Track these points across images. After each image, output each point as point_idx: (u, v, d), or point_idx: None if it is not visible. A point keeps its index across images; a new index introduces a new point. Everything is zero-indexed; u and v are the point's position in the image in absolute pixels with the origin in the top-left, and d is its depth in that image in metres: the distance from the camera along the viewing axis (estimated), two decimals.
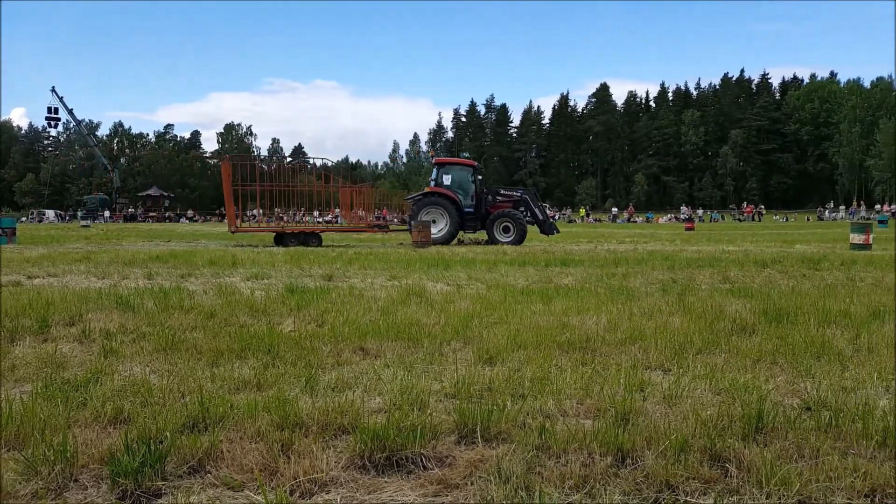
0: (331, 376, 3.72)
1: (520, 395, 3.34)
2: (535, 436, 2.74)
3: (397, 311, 5.73)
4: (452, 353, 4.29)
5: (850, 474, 2.39)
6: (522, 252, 14.29)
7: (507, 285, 7.88)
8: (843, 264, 10.70)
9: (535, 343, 4.47)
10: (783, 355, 4.22)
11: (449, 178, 19.50)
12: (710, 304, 6.23)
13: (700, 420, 2.90)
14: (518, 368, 3.87)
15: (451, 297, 6.76)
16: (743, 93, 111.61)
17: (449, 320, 5.26)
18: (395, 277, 8.83)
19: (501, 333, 4.76)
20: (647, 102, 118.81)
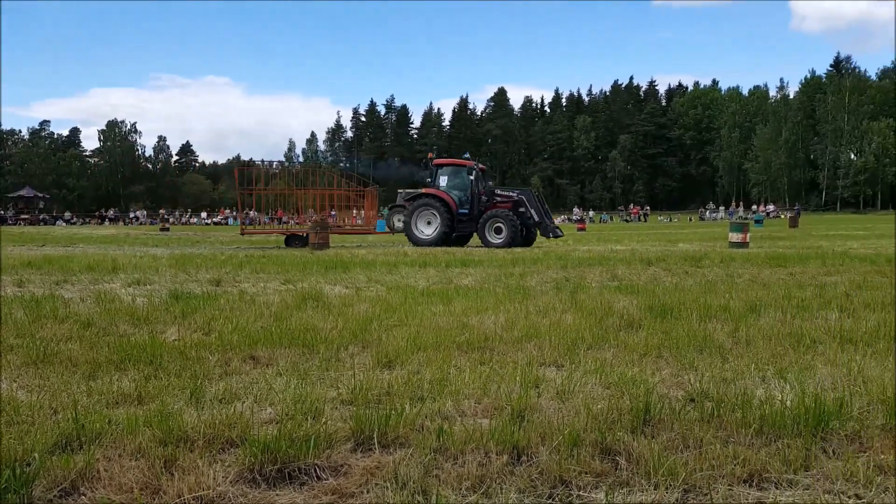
0: (218, 387, 3.55)
1: (419, 398, 3.32)
2: (432, 438, 2.72)
3: (291, 317, 5.58)
4: (350, 358, 4.22)
5: (730, 462, 2.51)
6: (424, 253, 14.32)
7: (408, 287, 7.87)
8: (723, 261, 11.36)
9: (435, 344, 4.46)
10: (668, 349, 4.41)
11: (445, 179, 19.16)
12: (600, 301, 6.45)
13: (591, 414, 2.98)
14: (417, 371, 3.85)
15: (350, 300, 6.66)
16: (632, 99, 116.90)
17: (347, 324, 5.17)
18: (290, 281, 8.62)
19: (401, 336, 4.72)
20: (542, 108, 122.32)
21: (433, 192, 18.74)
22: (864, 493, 2.29)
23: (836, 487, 2.33)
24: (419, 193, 19.14)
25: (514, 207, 18.59)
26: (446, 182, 19.09)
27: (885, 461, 2.50)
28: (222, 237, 27.38)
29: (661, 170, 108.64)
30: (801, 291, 7.18)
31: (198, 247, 18.81)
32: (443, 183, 19.05)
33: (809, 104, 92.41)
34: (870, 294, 6.87)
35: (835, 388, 3.40)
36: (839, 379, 3.61)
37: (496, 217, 18.11)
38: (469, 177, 18.96)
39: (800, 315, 5.66)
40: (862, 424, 2.84)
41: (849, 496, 2.28)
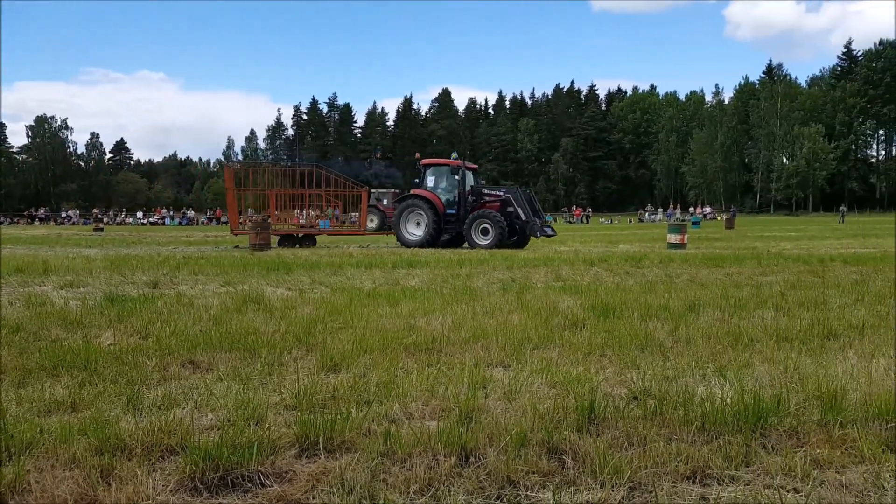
0: (156, 393, 3.43)
1: (365, 402, 3.27)
2: (379, 442, 2.69)
3: (232, 320, 5.44)
4: (293, 361, 4.13)
5: (674, 459, 2.55)
6: (369, 254, 14.21)
7: (353, 288, 7.78)
8: (662, 262, 11.63)
9: (382, 347, 4.42)
10: (611, 348, 4.48)
11: (433, 180, 18.78)
12: (545, 301, 6.52)
13: (538, 414, 2.99)
14: (364, 374, 3.80)
15: (293, 302, 6.55)
16: (573, 103, 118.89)
17: (290, 327, 5.08)
18: (230, 283, 8.41)
19: (346, 339, 4.66)
20: (486, 109, 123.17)
21: (420, 192, 18.46)
22: (801, 486, 2.36)
23: (776, 482, 2.39)
24: (407, 194, 18.84)
25: (502, 207, 18.09)
26: (433, 182, 18.77)
27: (821, 455, 2.58)
28: (159, 237, 26.61)
29: (601, 172, 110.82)
30: (738, 291, 7.40)
31: (134, 248, 18.24)
32: (430, 183, 18.74)
33: (743, 109, 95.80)
34: (803, 293, 7.13)
35: (772, 385, 3.51)
36: (776, 376, 3.73)
37: (482, 217, 17.64)
38: (455, 177, 18.49)
39: (737, 314, 5.83)
40: (799, 420, 2.93)
41: (787, 490, 2.34)
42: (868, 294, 7.01)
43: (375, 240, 24.09)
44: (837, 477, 2.42)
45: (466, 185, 18.44)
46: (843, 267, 10.54)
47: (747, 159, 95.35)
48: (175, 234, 33.66)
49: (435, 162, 19.54)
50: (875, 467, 2.48)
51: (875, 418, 2.91)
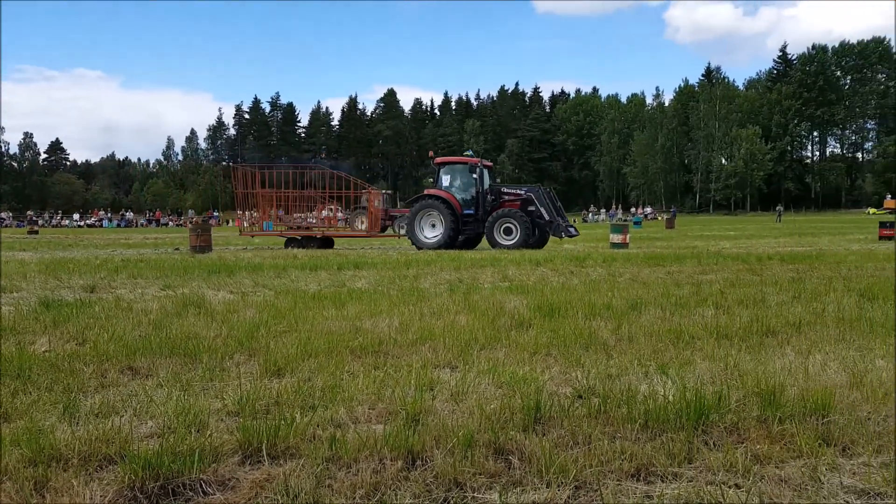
0: (94, 401, 3.32)
1: (310, 407, 3.21)
2: (325, 447, 2.64)
3: (172, 325, 5.29)
4: (236, 367, 4.04)
5: (618, 457, 2.58)
6: (315, 256, 14.03)
7: (298, 291, 7.66)
8: (605, 261, 11.84)
9: (327, 350, 4.35)
10: (556, 347, 4.52)
11: (448, 179, 17.94)
12: (492, 301, 6.55)
13: (485, 414, 2.99)
14: (308, 378, 3.73)
15: (235, 306, 6.40)
16: (518, 105, 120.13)
17: (232, 332, 4.96)
18: (170, 287, 8.19)
19: (291, 342, 4.58)
20: (432, 110, 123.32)
21: (436, 192, 17.65)
22: (743, 482, 2.41)
23: (718, 478, 2.44)
24: (421, 195, 18.03)
25: (523, 206, 17.45)
26: (449, 181, 17.98)
27: (761, 451, 2.65)
28: (97, 240, 25.74)
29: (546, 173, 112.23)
30: (679, 289, 7.57)
31: (70, 251, 17.61)
32: (445, 182, 17.94)
33: (683, 111, 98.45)
34: (742, 291, 7.34)
35: (713, 382, 3.58)
36: (717, 373, 3.82)
37: (506, 217, 17.07)
38: (472, 175, 17.81)
39: (678, 312, 5.96)
40: (739, 416, 3.00)
41: (729, 486, 2.39)
42: (804, 292, 7.26)
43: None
44: (777, 472, 2.48)
45: (484, 184, 17.83)
46: (780, 265, 10.91)
47: (687, 160, 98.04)
48: (113, 236, 32.67)
49: (450, 160, 18.78)
50: (812, 461, 2.55)
51: (812, 413, 3.00)
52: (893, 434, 2.86)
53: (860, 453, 2.64)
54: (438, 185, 17.97)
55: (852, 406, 3.13)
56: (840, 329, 5.09)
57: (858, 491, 2.34)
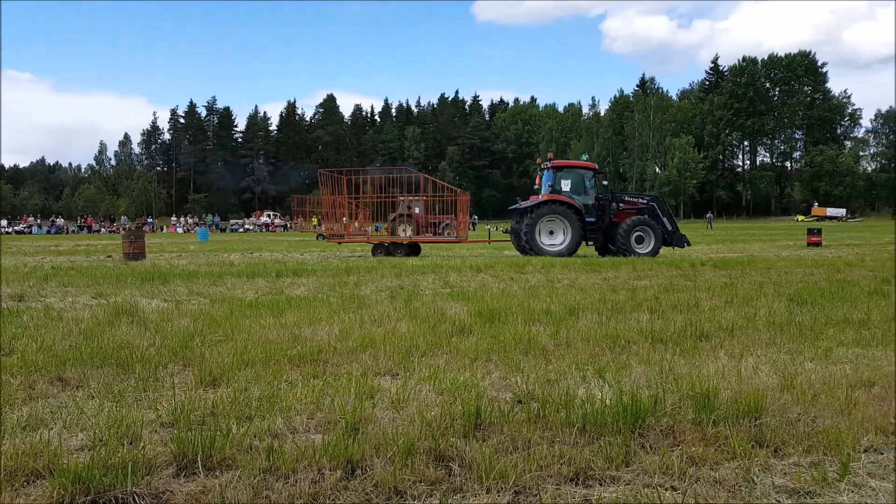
0: (22, 413, 3.19)
1: (247, 417, 3.14)
2: (262, 458, 2.59)
3: (104, 334, 5.11)
4: (170, 377, 3.92)
5: (557, 461, 2.61)
6: (251, 262, 13.75)
7: (234, 299, 7.49)
8: (544, 267, 11.98)
9: (265, 359, 4.26)
10: (496, 352, 4.55)
11: (568, 184, 17.04)
12: (433, 308, 6.54)
13: (425, 422, 2.98)
14: (245, 388, 3.65)
15: (169, 314, 6.22)
16: (458, 112, 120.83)
17: (166, 341, 4.81)
18: (102, 295, 7.89)
19: (227, 352, 4.47)
20: (372, 116, 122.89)
21: (559, 197, 16.75)
22: (678, 484, 2.47)
23: (654, 481, 2.48)
24: (543, 200, 16.80)
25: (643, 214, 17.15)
26: (569, 186, 17.11)
27: (696, 453, 2.71)
28: (26, 247, 24.61)
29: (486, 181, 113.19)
30: (615, 295, 7.73)
31: None
32: (566, 188, 17.08)
33: (618, 121, 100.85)
34: (676, 296, 7.54)
35: (649, 386, 3.67)
36: (653, 377, 3.90)
37: (640, 224, 16.66)
38: (603, 181, 17.14)
39: (615, 317, 6.08)
40: (675, 419, 3.08)
41: (665, 489, 2.44)
42: (736, 297, 7.51)
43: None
44: (711, 473, 2.55)
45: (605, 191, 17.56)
46: (712, 271, 11.26)
47: (622, 169, 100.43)
48: (43, 243, 31.33)
49: (571, 164, 18.11)
50: (745, 462, 2.63)
51: (745, 415, 3.10)
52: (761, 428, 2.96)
53: (791, 454, 2.73)
54: (557, 189, 17.13)
55: (783, 408, 3.25)
56: (771, 333, 5.28)
57: (789, 490, 2.42)
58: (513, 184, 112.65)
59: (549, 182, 17.30)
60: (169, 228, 67.12)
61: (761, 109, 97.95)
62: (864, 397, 3.42)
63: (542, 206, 16.58)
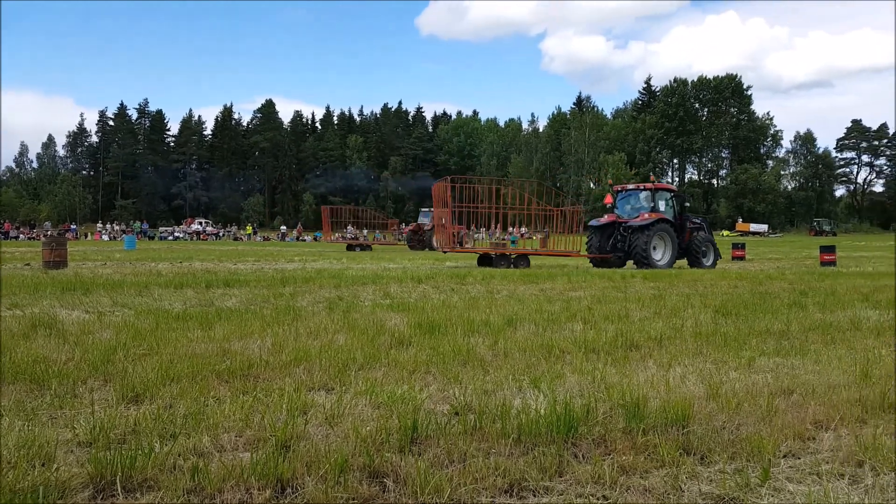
0: None
1: (171, 435, 3.00)
2: (186, 479, 2.48)
3: (18, 347, 4.83)
4: (89, 393, 3.73)
5: (492, 473, 2.59)
6: (180, 272, 13.33)
7: (161, 310, 7.22)
8: (484, 279, 12.06)
9: (191, 374, 4.11)
10: (435, 364, 4.52)
11: (663, 204, 18.42)
12: (373, 319, 6.47)
13: (360, 437, 2.92)
14: (170, 405, 3.50)
15: (90, 326, 5.94)
16: (401, 123, 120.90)
17: (86, 355, 4.58)
18: (18, 305, 7.49)
19: (151, 366, 4.29)
20: (313, 123, 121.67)
21: (663, 217, 18.03)
22: (610, 493, 2.49)
23: (587, 490, 2.50)
24: (654, 220, 17.72)
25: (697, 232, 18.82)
26: (664, 207, 18.58)
27: (627, 462, 2.74)
28: None
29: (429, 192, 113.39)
30: (551, 306, 7.83)
31: None
32: (662, 207, 18.48)
33: (556, 137, 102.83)
34: (608, 307, 7.69)
35: (582, 395, 3.70)
36: (585, 386, 3.95)
37: (706, 241, 18.64)
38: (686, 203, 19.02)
39: (550, 327, 6.15)
40: (606, 428, 3.11)
41: (598, 498, 2.45)
42: (665, 308, 7.71)
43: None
44: (641, 482, 2.58)
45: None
46: (642, 282, 11.54)
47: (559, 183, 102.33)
48: None
49: (665, 187, 19.68)
50: (674, 470, 2.67)
51: (673, 424, 3.16)
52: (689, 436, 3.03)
53: (716, 461, 2.80)
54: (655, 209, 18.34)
55: (709, 416, 3.33)
56: (697, 343, 5.43)
57: (715, 497, 2.48)
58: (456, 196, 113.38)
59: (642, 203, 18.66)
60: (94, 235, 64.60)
61: (690, 129, 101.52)
62: (783, 405, 3.55)
63: (656, 224, 17.75)
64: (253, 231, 71.20)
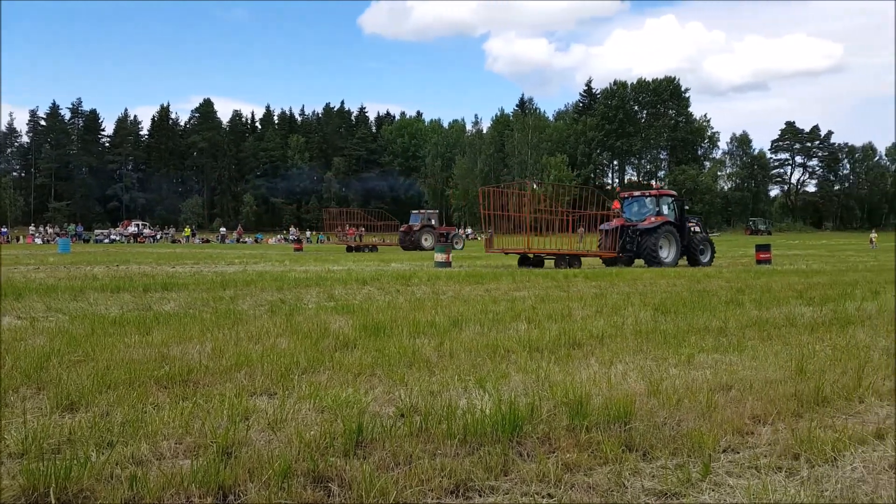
0: None
1: (108, 444, 2.91)
2: (124, 488, 2.41)
3: None
4: (21, 401, 3.57)
5: (438, 474, 2.59)
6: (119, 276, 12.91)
7: (97, 315, 6.99)
8: (430, 280, 12.08)
9: (128, 381, 3.98)
10: (381, 366, 4.50)
11: (666, 208, 20.15)
12: (316, 322, 6.40)
13: (304, 442, 2.88)
14: (106, 412, 3.39)
15: (23, 333, 5.70)
16: (344, 123, 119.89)
17: (18, 362, 4.39)
18: None
19: (86, 373, 4.14)
20: (253, 123, 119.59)
21: (668, 220, 19.70)
22: (555, 491, 2.52)
23: (532, 489, 2.52)
24: (661, 223, 19.33)
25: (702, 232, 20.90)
26: (667, 211, 20.24)
27: (571, 459, 2.79)
28: None
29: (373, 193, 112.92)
30: (496, 306, 7.90)
31: None
32: (665, 211, 20.14)
33: (499, 139, 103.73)
34: (551, 306, 7.80)
35: (527, 394, 3.74)
36: (530, 385, 4.00)
37: (705, 241, 20.68)
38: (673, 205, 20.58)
39: (495, 327, 6.21)
40: (551, 426, 3.15)
41: (543, 496, 2.48)
42: (606, 306, 7.87)
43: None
44: (586, 479, 2.62)
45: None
46: (584, 282, 11.75)
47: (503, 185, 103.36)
48: None
49: (668, 193, 21.22)
50: (617, 467, 2.72)
51: (615, 421, 3.22)
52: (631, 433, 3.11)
53: (658, 457, 2.86)
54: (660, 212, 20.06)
55: (651, 412, 3.40)
56: (638, 340, 5.56)
57: (658, 493, 2.53)
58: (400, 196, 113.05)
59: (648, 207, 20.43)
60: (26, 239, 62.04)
61: (630, 131, 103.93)
62: (722, 400, 3.65)
63: (662, 226, 19.52)
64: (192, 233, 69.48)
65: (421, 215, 40.23)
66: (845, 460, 2.83)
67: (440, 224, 41.25)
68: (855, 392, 3.86)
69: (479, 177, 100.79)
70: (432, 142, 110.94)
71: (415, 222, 39.23)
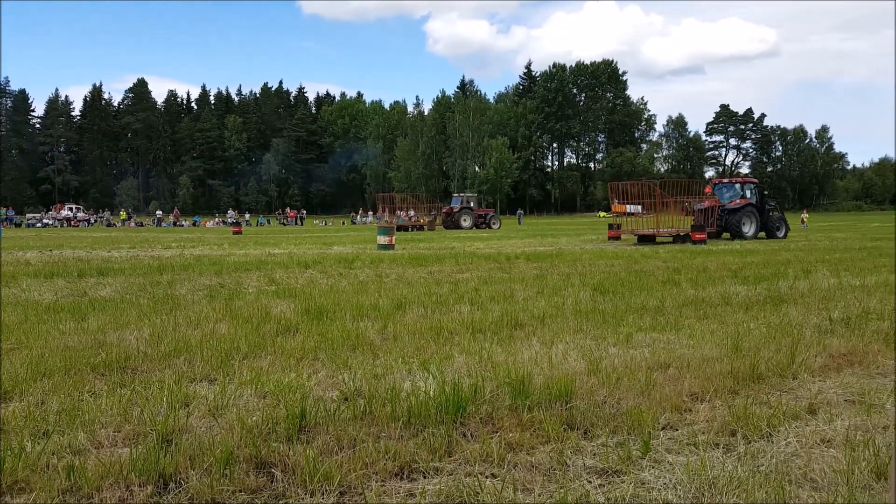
0: None
1: (43, 433, 2.84)
2: (61, 478, 2.36)
3: None
4: None
5: (382, 457, 2.62)
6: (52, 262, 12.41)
7: (30, 302, 6.73)
8: (373, 263, 12.02)
9: (64, 368, 3.88)
10: (324, 350, 4.49)
11: (748, 192, 24.19)
12: (257, 307, 6.32)
13: (246, 428, 2.86)
14: (42, 401, 3.30)
15: None
16: (282, 103, 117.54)
17: None
18: None
19: (20, 361, 4.01)
20: (188, 104, 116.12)
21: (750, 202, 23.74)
22: (498, 471, 2.57)
23: (475, 469, 2.57)
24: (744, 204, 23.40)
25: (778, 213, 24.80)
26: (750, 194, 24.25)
27: (514, 439, 2.85)
28: None
29: (314, 175, 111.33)
30: (440, 288, 7.93)
31: None
32: (748, 194, 24.16)
33: (441, 121, 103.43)
34: (493, 288, 7.89)
35: (470, 375, 3.79)
36: (473, 366, 4.05)
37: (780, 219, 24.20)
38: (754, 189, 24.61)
39: (439, 310, 6.24)
40: (493, 407, 3.21)
41: (486, 476, 2.53)
42: (547, 287, 8.00)
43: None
44: (528, 458, 2.68)
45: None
46: (525, 263, 11.90)
47: (445, 167, 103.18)
48: None
49: (751, 180, 25.52)
50: (559, 446, 2.79)
51: (557, 400, 3.29)
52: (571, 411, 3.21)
53: (599, 435, 2.94)
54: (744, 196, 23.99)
55: (591, 391, 3.49)
56: (578, 320, 5.68)
57: (599, 471, 2.59)
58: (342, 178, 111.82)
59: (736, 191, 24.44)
60: None
61: (569, 114, 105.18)
62: (661, 378, 3.75)
63: (745, 207, 23.63)
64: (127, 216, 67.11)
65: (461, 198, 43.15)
66: (780, 435, 2.94)
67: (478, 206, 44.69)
68: (788, 369, 4.02)
69: (422, 159, 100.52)
70: (373, 123, 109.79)
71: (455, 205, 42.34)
